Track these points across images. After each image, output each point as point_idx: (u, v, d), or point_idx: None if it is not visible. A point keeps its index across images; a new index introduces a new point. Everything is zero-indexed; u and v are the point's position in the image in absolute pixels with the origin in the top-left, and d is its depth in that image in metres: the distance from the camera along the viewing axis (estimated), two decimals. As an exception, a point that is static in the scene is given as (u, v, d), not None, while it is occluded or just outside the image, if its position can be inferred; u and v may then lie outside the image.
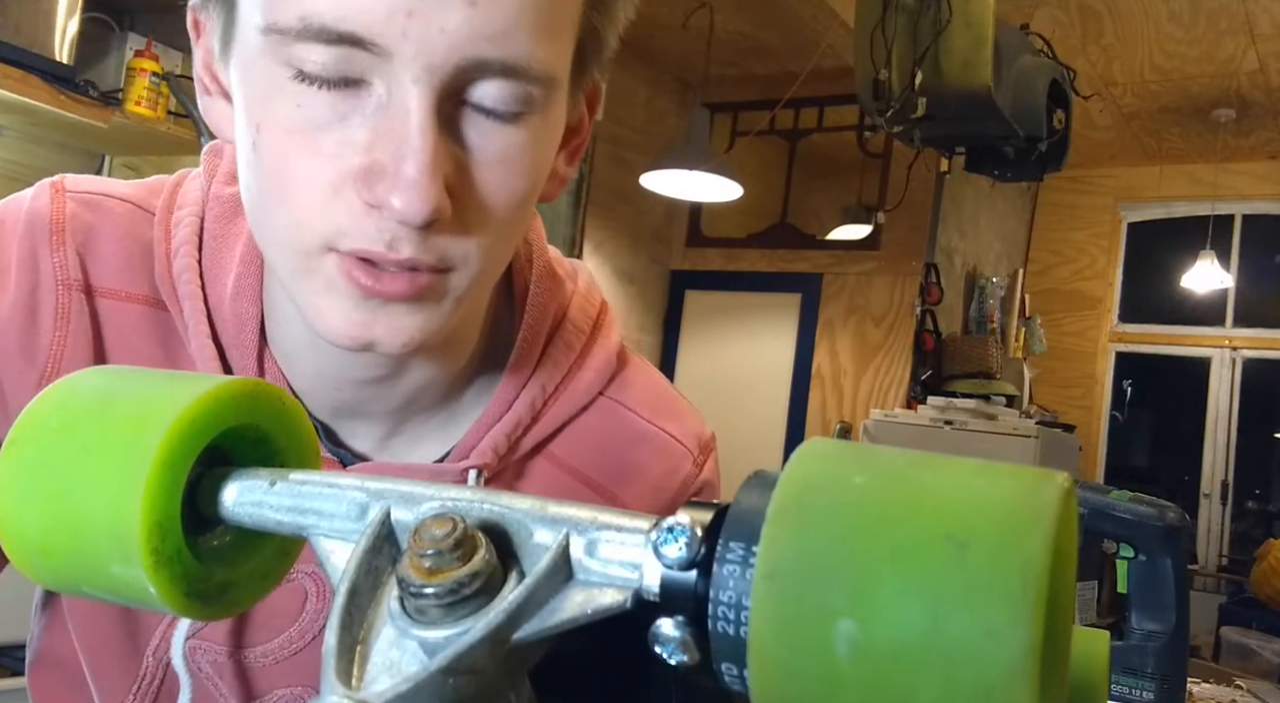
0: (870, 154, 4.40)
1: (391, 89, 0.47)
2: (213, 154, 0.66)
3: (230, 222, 0.63)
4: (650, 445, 0.70)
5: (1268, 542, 4.23)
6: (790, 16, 3.64)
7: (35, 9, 2.10)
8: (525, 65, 0.48)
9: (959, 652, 0.23)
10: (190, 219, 0.62)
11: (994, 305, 4.87)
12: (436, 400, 0.64)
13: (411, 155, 0.46)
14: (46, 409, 0.35)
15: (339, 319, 0.50)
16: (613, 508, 0.31)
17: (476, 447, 0.63)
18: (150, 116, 2.32)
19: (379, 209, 0.47)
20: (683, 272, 4.82)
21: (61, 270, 0.60)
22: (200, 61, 0.57)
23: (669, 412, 0.73)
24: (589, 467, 0.68)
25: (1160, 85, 4.47)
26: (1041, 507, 0.24)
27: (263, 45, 0.47)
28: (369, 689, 0.29)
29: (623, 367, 0.72)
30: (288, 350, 0.61)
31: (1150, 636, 1.11)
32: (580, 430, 0.68)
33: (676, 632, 0.28)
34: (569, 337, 0.68)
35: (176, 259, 0.61)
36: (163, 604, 0.34)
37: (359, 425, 0.63)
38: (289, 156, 0.48)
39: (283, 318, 0.60)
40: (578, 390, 0.68)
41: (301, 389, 0.62)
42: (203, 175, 0.65)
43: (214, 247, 0.62)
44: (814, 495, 0.26)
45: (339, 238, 0.49)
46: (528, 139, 0.51)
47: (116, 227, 0.62)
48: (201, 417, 0.34)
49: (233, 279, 0.61)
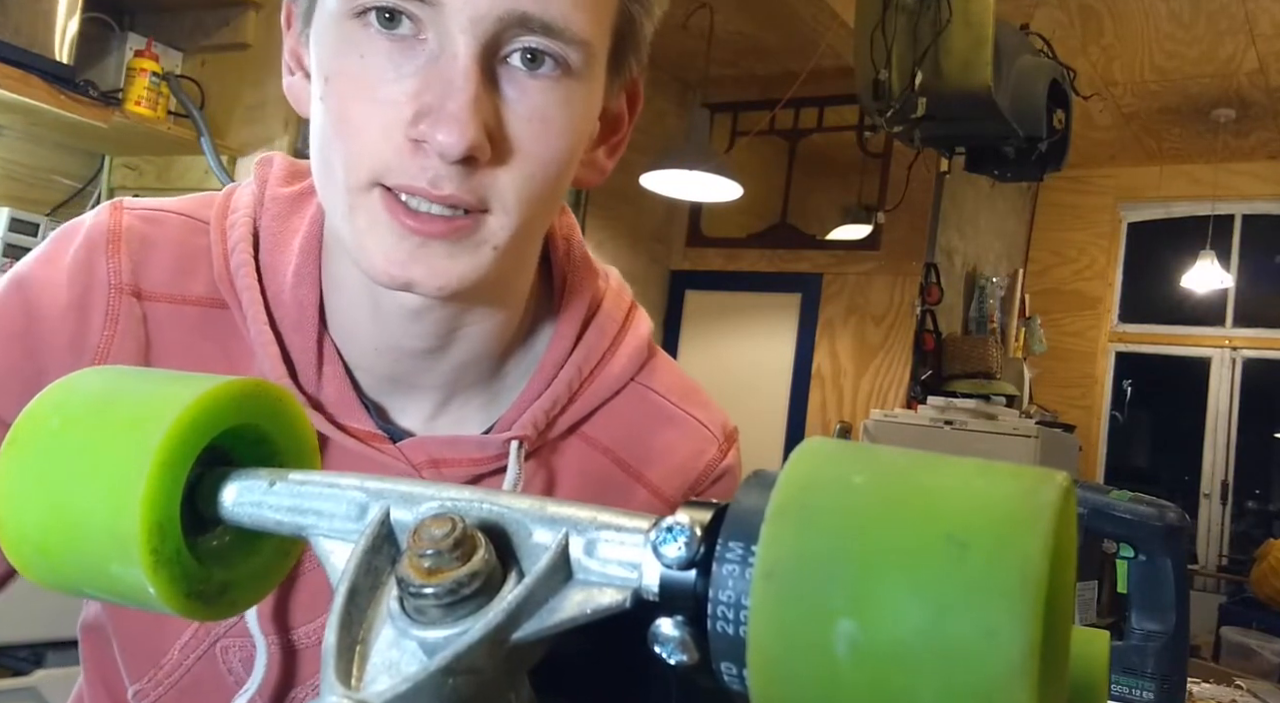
0: (870, 154, 4.40)
1: (442, 41, 0.53)
2: (263, 165, 0.71)
3: (286, 219, 0.68)
4: (678, 429, 0.74)
5: (1268, 542, 4.23)
6: (790, 16, 3.64)
7: (35, 9, 2.09)
8: (562, 26, 0.54)
9: (959, 652, 0.23)
10: (244, 220, 0.67)
11: (994, 305, 4.87)
12: (482, 377, 0.68)
13: (454, 94, 0.52)
14: (46, 409, 0.35)
15: (380, 257, 0.55)
16: (613, 508, 0.32)
17: (518, 420, 0.67)
18: (150, 116, 2.32)
19: (423, 146, 0.53)
20: (683, 272, 4.82)
21: (114, 275, 0.64)
22: (288, 49, 0.64)
23: (696, 399, 0.77)
24: (619, 446, 0.73)
25: (1160, 85, 4.46)
26: (1041, 507, 0.24)
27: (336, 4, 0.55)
28: (368, 689, 0.29)
29: (652, 355, 0.76)
30: (346, 327, 0.65)
31: (1150, 636, 1.11)
32: (612, 413, 0.72)
33: (676, 632, 0.28)
34: (604, 323, 0.72)
35: (233, 257, 0.66)
36: (162, 605, 0.34)
37: (409, 402, 0.67)
38: (350, 103, 0.55)
39: (342, 296, 0.64)
40: (611, 375, 0.72)
41: (358, 364, 0.66)
42: (254, 183, 0.70)
43: (271, 243, 0.67)
44: (814, 495, 0.26)
45: (386, 173, 0.54)
46: (562, 100, 0.56)
47: (170, 237, 0.67)
48: (201, 417, 0.34)
49: (292, 269, 0.65)
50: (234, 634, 0.65)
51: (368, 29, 0.54)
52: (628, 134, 0.68)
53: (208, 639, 0.66)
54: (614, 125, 0.67)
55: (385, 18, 0.53)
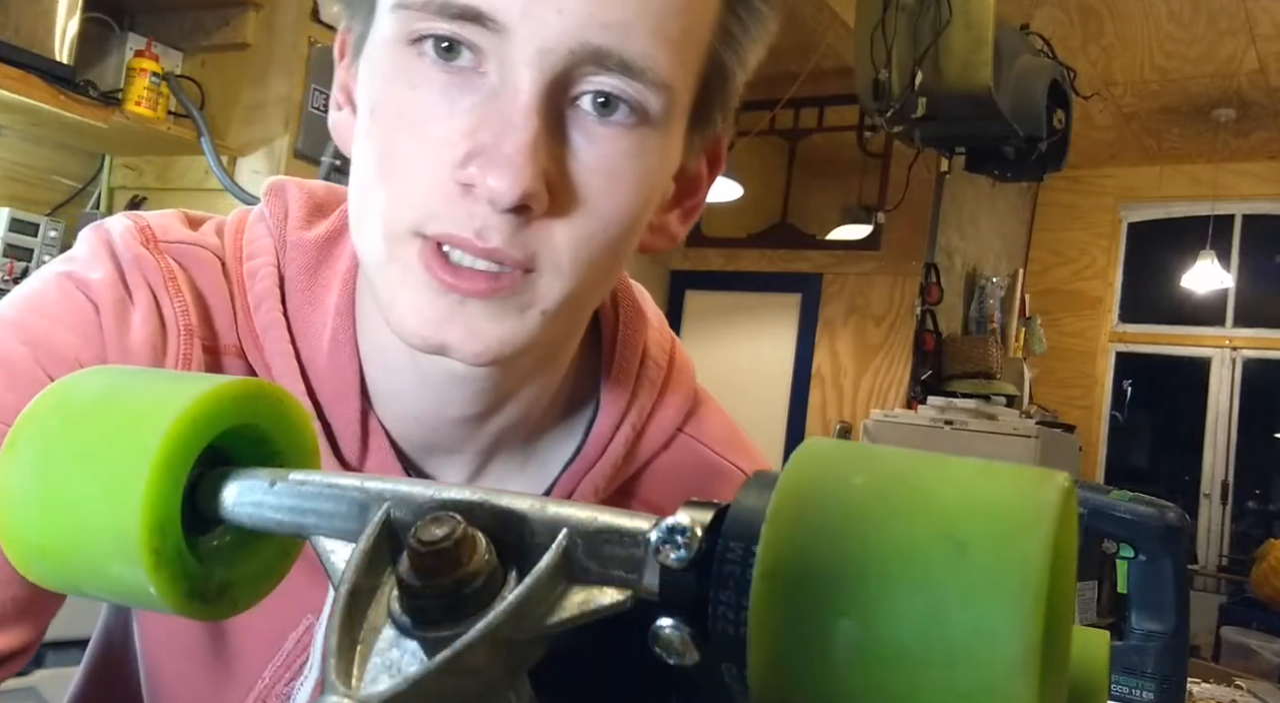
0: (870, 154, 4.40)
1: (504, 74, 0.47)
2: (274, 194, 0.64)
3: (316, 272, 0.61)
4: (725, 481, 0.70)
5: (1268, 542, 4.24)
6: (790, 16, 3.64)
7: (35, 9, 2.09)
8: (642, 65, 0.47)
9: (959, 652, 0.23)
10: (267, 270, 0.60)
11: (994, 305, 4.87)
12: (523, 439, 0.64)
13: (512, 134, 0.46)
14: (46, 409, 0.35)
15: (414, 315, 0.49)
16: (613, 508, 0.32)
17: (577, 488, 0.63)
18: (150, 116, 2.32)
19: (472, 190, 0.47)
20: (683, 272, 4.82)
21: (183, 317, 0.57)
22: (338, 82, 0.57)
23: (741, 448, 0.72)
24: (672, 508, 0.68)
25: (1160, 85, 4.46)
26: (1041, 507, 0.24)
27: (391, 26, 0.49)
28: (369, 689, 0.29)
29: (698, 404, 0.71)
30: (384, 394, 0.59)
31: (1150, 636, 1.11)
32: (661, 467, 0.68)
33: (676, 632, 0.28)
34: (652, 374, 0.67)
35: (259, 314, 0.59)
36: (163, 605, 0.34)
37: (446, 466, 0.63)
38: (396, 138, 0.49)
39: (381, 360, 0.58)
40: (660, 428, 0.67)
41: (397, 432, 0.61)
42: (269, 219, 0.62)
43: (301, 299, 0.60)
44: (814, 495, 0.26)
45: (428, 221, 0.48)
46: (634, 151, 0.50)
47: (210, 279, 0.60)
48: (201, 417, 0.34)
49: (329, 334, 0.59)
50: None
51: (422, 59, 0.48)
52: (704, 199, 0.61)
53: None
54: (691, 188, 0.59)
55: (443, 48, 0.47)
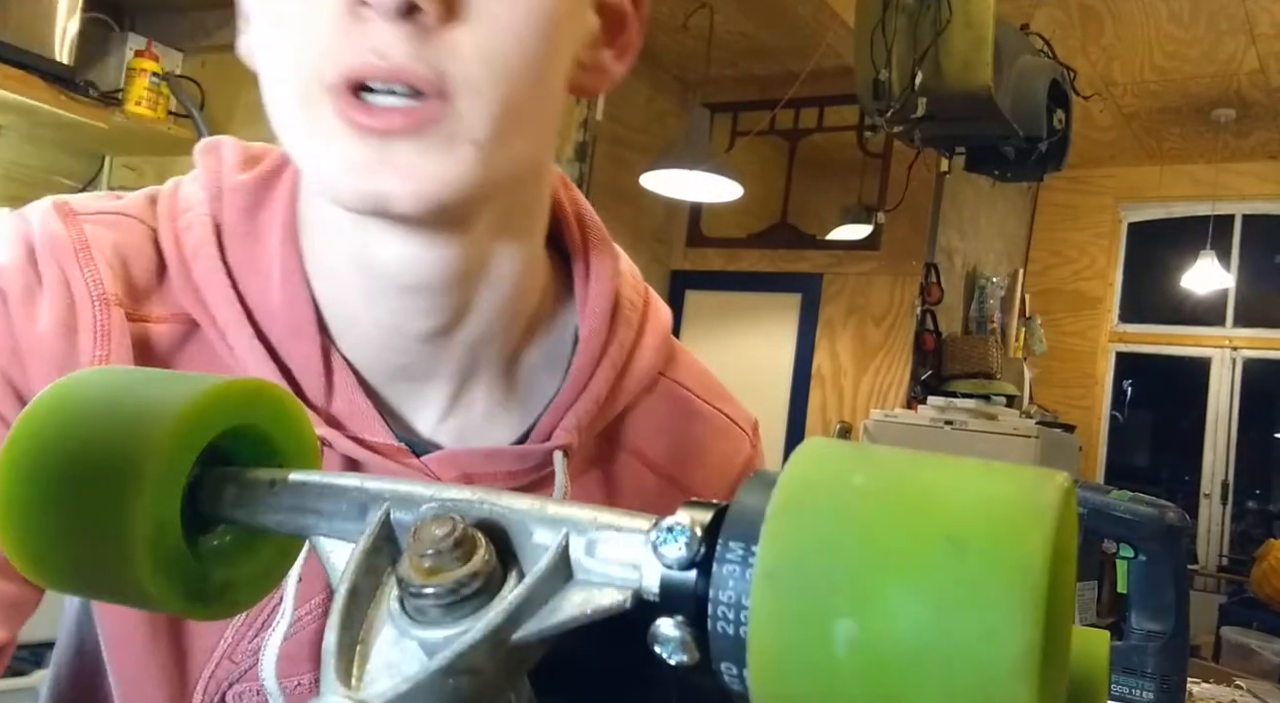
0: (870, 154, 4.40)
1: None
2: (208, 152, 0.62)
3: (254, 212, 0.58)
4: (710, 427, 0.69)
5: (1268, 542, 4.23)
6: (790, 16, 3.64)
7: (35, 9, 2.09)
8: None
9: (959, 652, 0.23)
10: (202, 219, 0.58)
11: (994, 305, 4.87)
12: (497, 364, 0.61)
13: None
14: (46, 409, 0.35)
15: (342, 169, 0.47)
16: (613, 508, 0.32)
17: (559, 425, 0.60)
18: (150, 116, 2.32)
19: (360, 12, 0.45)
20: (683, 272, 4.81)
21: (96, 286, 0.55)
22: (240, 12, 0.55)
23: (720, 393, 0.72)
24: (654, 450, 0.67)
25: (1160, 85, 4.46)
26: (1041, 507, 0.24)
27: None
28: (368, 689, 0.29)
29: (676, 348, 0.70)
30: (342, 320, 0.57)
31: (1150, 636, 1.11)
32: (645, 412, 0.67)
33: (676, 632, 0.28)
34: (627, 312, 0.65)
35: (196, 265, 0.57)
36: (162, 605, 0.34)
37: (419, 399, 0.60)
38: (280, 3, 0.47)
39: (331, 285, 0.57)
40: (640, 369, 0.65)
41: (362, 362, 0.58)
42: (202, 174, 0.61)
43: (241, 242, 0.58)
44: (814, 495, 0.26)
45: (327, 65, 0.46)
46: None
47: (136, 245, 0.58)
48: (201, 417, 0.34)
49: (278, 268, 0.57)
50: (249, 679, 0.59)
51: None
52: (638, 36, 0.58)
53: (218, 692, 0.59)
54: (617, 22, 0.56)
55: None
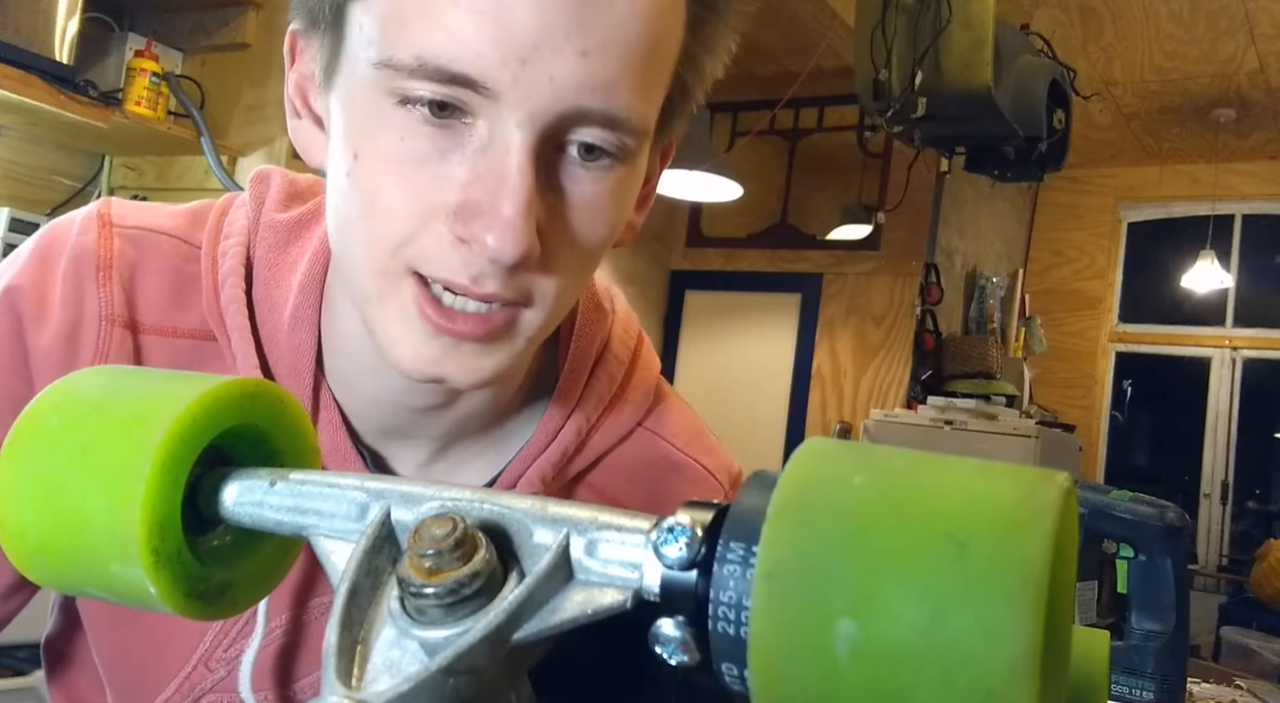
0: (870, 154, 4.40)
1: (494, 130, 0.48)
2: (258, 181, 0.66)
3: (284, 250, 0.63)
4: (683, 476, 0.71)
5: (1268, 542, 4.23)
6: (790, 16, 3.64)
7: (35, 9, 2.09)
8: (625, 117, 0.49)
9: (959, 652, 0.23)
10: (236, 249, 0.62)
11: (994, 305, 4.87)
12: (483, 426, 0.65)
13: (509, 195, 0.47)
14: (46, 409, 0.35)
15: (410, 352, 0.52)
16: (613, 508, 0.32)
17: (524, 475, 0.65)
18: (150, 116, 2.32)
19: (469, 245, 0.49)
20: (683, 272, 4.81)
21: (106, 306, 0.60)
22: (294, 85, 0.58)
23: (702, 444, 0.74)
24: (624, 497, 0.70)
25: (1160, 85, 4.46)
26: (1041, 507, 0.24)
27: (373, 78, 0.49)
28: (369, 689, 0.29)
29: (660, 400, 0.73)
30: (346, 375, 0.61)
31: (1150, 636, 1.11)
32: (618, 460, 0.70)
33: (677, 632, 0.28)
34: (611, 368, 0.69)
35: (224, 291, 0.61)
36: (163, 604, 0.34)
37: (405, 450, 0.64)
38: (384, 184, 0.49)
39: (344, 343, 0.60)
40: (618, 422, 0.69)
41: (354, 412, 0.62)
42: (249, 203, 0.65)
43: (266, 277, 0.62)
44: (814, 495, 0.26)
45: (423, 262, 0.50)
46: (615, 186, 0.52)
47: (163, 262, 0.62)
48: (201, 417, 0.34)
49: (290, 309, 0.61)
50: (221, 689, 0.62)
51: (411, 114, 0.48)
52: (656, 186, 0.64)
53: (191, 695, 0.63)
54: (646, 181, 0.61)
55: (436, 107, 0.48)
